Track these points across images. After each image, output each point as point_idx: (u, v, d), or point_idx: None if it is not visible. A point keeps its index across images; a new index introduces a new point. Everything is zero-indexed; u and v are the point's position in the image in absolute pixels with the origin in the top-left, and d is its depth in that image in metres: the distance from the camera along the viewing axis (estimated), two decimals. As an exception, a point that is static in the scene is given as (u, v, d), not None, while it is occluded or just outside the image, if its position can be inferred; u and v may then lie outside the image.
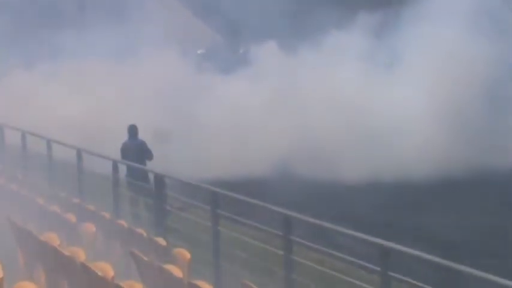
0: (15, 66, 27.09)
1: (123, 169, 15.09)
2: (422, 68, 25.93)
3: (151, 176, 13.83)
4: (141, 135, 17.17)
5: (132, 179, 15.13)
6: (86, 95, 25.92)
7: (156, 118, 23.74)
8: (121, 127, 18.13)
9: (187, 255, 9.57)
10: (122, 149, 16.97)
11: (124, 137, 17.21)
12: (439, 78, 25.59)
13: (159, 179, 12.61)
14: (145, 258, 9.26)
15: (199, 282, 8.25)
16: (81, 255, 9.29)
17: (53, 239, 10.10)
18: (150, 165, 16.25)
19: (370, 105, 25.49)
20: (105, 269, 8.58)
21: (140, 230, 11.17)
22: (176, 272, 8.69)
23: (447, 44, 25.89)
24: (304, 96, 26.13)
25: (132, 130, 17.11)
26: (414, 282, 7.55)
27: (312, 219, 9.24)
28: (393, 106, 25.35)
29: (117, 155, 16.15)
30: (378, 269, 7.87)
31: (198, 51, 31.62)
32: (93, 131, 23.56)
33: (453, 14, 26.11)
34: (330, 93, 25.92)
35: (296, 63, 27.28)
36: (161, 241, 10.46)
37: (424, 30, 26.01)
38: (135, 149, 16.69)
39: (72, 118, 24.47)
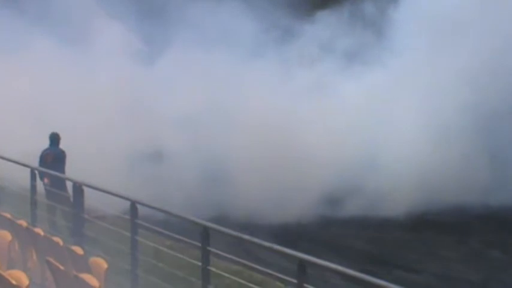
0: None
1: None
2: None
3: (69, 184, 13.68)
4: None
5: (50, 187, 14.97)
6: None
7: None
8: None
9: (104, 264, 9.49)
10: (41, 156, 16.77)
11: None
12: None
13: (78, 188, 12.49)
14: (62, 267, 9.15)
15: (115, 292, 8.19)
16: (-5, 263, 9.14)
17: (-33, 246, 9.92)
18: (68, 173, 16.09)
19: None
20: (20, 277, 8.44)
21: (57, 239, 11.03)
22: (92, 281, 8.60)
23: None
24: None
25: (53, 138, 16.93)
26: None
27: (230, 231, 9.26)
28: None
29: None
30: (295, 281, 7.93)
31: None
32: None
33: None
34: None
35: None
36: (78, 250, 10.35)
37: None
38: (53, 157, 16.52)
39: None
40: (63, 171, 16.19)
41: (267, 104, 23.04)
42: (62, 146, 16.88)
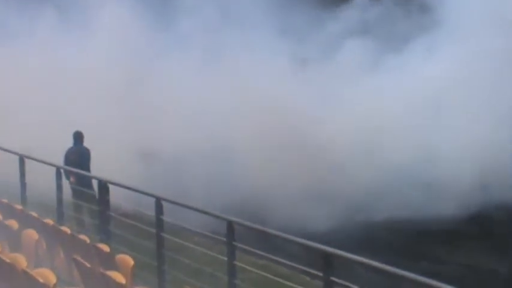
0: None
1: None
2: None
3: (94, 182, 13.75)
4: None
5: (76, 185, 15.06)
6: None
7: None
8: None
9: (131, 261, 9.52)
10: (66, 154, 16.89)
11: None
12: None
13: (103, 185, 12.54)
14: (88, 265, 9.19)
15: (142, 289, 8.22)
16: (22, 262, 9.19)
17: (-6, 245, 9.99)
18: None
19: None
20: (47, 275, 8.49)
21: (83, 237, 11.09)
22: (119, 278, 8.64)
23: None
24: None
25: (77, 136, 17.03)
26: (356, 287, 7.60)
27: (255, 225, 9.26)
28: None
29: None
30: (321, 274, 7.91)
31: None
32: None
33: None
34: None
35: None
36: (104, 247, 10.39)
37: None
38: (77, 155, 16.63)
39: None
40: (88, 169, 16.26)
41: (293, 99, 22.17)
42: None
